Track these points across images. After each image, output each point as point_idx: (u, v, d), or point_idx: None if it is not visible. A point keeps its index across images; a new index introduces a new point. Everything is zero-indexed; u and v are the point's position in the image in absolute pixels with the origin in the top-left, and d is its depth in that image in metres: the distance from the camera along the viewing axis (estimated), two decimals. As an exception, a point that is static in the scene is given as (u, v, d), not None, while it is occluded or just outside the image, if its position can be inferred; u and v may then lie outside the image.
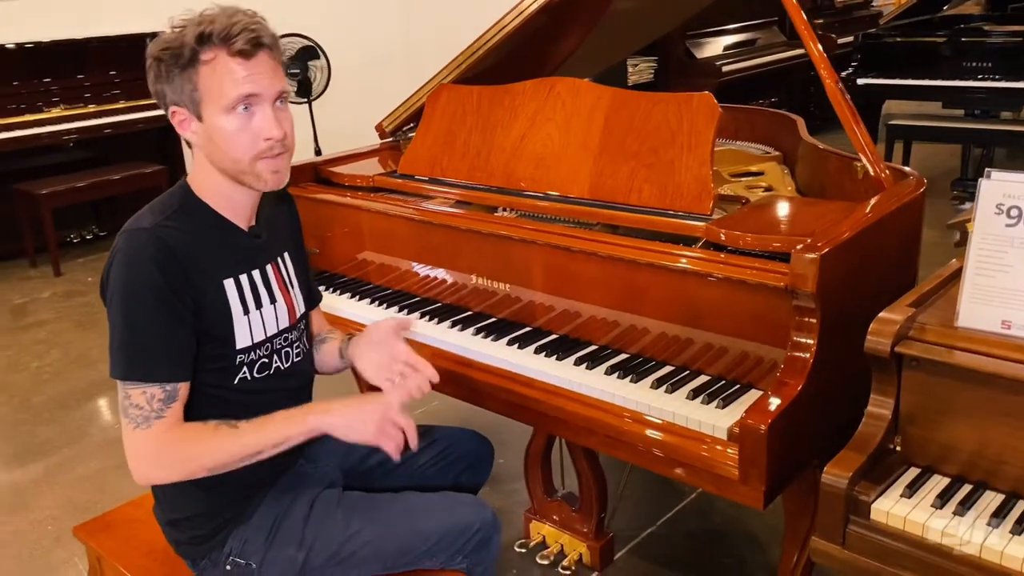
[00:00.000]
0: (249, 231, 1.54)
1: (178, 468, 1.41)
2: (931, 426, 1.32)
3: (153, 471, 1.42)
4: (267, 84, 1.41)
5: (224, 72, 1.38)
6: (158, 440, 1.38)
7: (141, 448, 1.39)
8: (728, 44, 6.47)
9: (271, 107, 1.42)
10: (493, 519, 1.55)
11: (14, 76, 5.08)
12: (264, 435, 1.42)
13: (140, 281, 1.37)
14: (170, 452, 1.39)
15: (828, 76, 1.78)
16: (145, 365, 1.38)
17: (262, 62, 1.40)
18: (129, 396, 1.38)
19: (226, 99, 1.38)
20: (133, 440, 1.39)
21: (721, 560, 2.28)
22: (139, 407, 1.37)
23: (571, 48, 2.48)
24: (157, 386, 1.38)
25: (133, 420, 1.38)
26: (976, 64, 4.99)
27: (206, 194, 1.48)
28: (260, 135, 1.41)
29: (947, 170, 5.83)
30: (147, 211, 1.46)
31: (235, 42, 1.36)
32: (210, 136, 1.42)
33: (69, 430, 3.23)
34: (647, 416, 1.55)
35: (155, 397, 1.38)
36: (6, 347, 4.07)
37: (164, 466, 1.41)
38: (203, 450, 1.39)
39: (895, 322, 1.31)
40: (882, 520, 1.26)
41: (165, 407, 1.39)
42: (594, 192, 1.86)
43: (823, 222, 1.57)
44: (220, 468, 1.40)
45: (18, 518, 2.69)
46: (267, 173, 1.45)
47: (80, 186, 5.02)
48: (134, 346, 1.38)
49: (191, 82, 1.39)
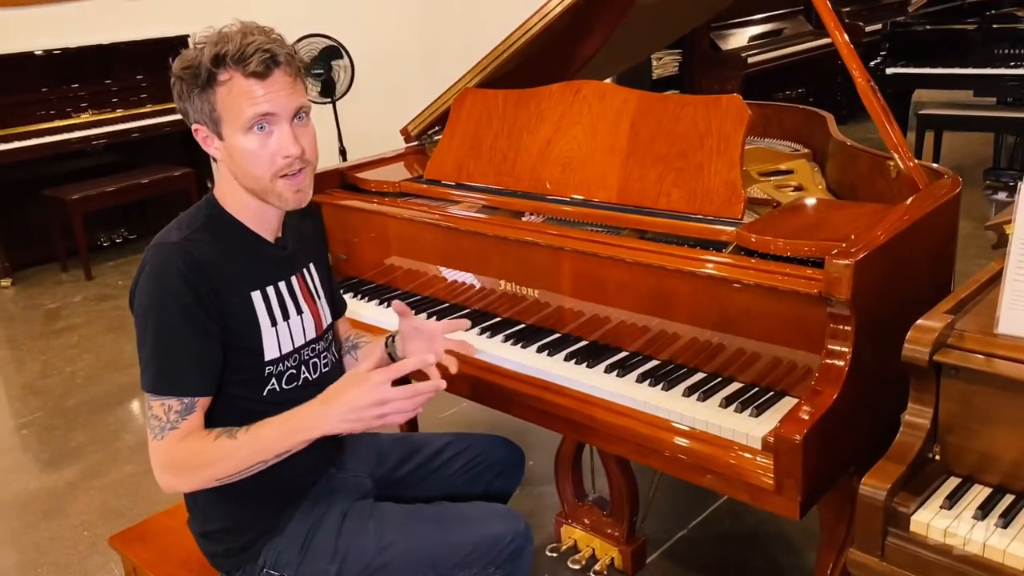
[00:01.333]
0: (275, 243, 1.55)
1: (189, 478, 1.43)
2: (971, 435, 1.30)
3: (170, 479, 1.43)
4: (283, 102, 1.40)
5: (240, 92, 1.38)
6: (168, 451, 1.40)
7: (156, 458, 1.42)
8: (753, 35, 6.39)
9: (289, 124, 1.42)
10: (526, 530, 1.55)
11: (43, 83, 5.14)
12: (261, 448, 1.40)
13: (168, 296, 1.39)
14: (179, 463, 1.41)
15: (859, 75, 1.74)
16: (168, 378, 1.40)
17: (277, 80, 1.40)
18: (151, 407, 1.41)
19: (243, 119, 1.39)
20: (151, 450, 1.42)
21: (755, 563, 2.26)
22: (158, 418, 1.40)
23: (595, 47, 2.46)
24: (175, 399, 1.40)
25: (152, 431, 1.41)
26: (1008, 51, 4.90)
27: (232, 207, 1.49)
28: (278, 153, 1.41)
29: (980, 159, 5.74)
30: (175, 225, 1.47)
31: (249, 63, 1.36)
32: (231, 155, 1.43)
33: (102, 435, 3.27)
34: (679, 425, 1.54)
35: (172, 409, 1.40)
36: (40, 352, 4.13)
37: (177, 475, 1.43)
38: (205, 461, 1.40)
39: (933, 330, 1.28)
40: (922, 532, 1.24)
41: (180, 419, 1.40)
42: (622, 196, 1.84)
43: (857, 225, 1.55)
44: (227, 478, 1.41)
45: (55, 524, 2.73)
46: (288, 192, 1.45)
47: (110, 190, 5.08)
48: (158, 359, 1.40)
49: (209, 102, 1.40)
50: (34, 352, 4.13)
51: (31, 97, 5.07)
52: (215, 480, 1.41)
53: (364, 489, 1.63)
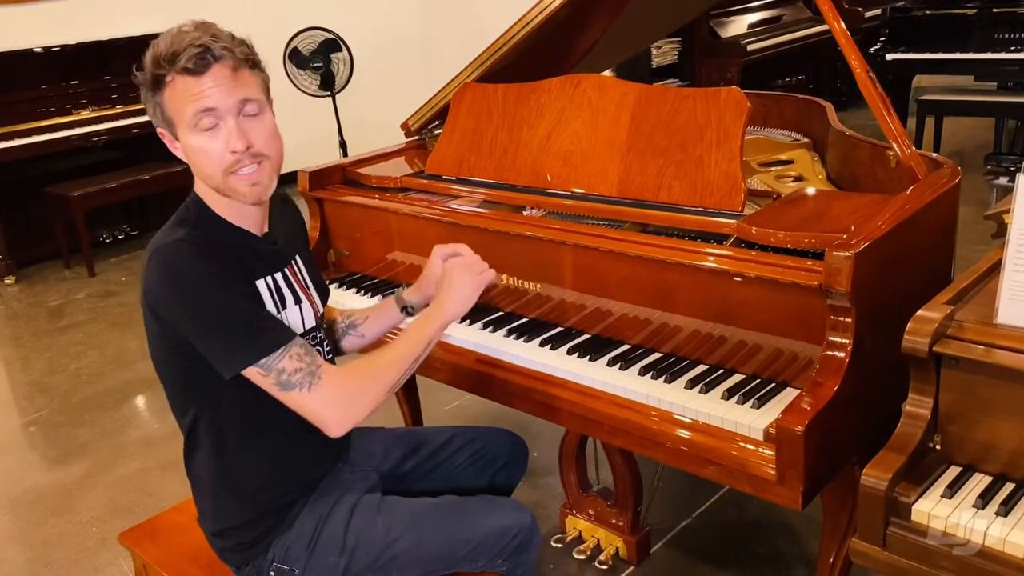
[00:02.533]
0: (263, 237, 1.55)
1: (362, 401, 1.44)
2: (971, 425, 1.31)
3: (351, 411, 1.43)
4: (222, 97, 1.38)
5: (182, 91, 1.37)
6: (335, 383, 1.42)
7: (327, 397, 1.41)
8: (753, 22, 6.38)
9: (235, 119, 1.40)
10: (532, 522, 1.56)
11: (43, 80, 5.15)
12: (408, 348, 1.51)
13: (200, 277, 1.37)
14: (349, 389, 1.43)
15: (858, 65, 1.75)
16: (267, 334, 1.39)
17: (216, 75, 1.37)
18: (281, 370, 1.38)
19: (186, 117, 1.38)
20: (315, 400, 1.40)
21: (758, 552, 2.28)
22: (298, 369, 1.39)
23: (594, 39, 2.46)
24: (293, 346, 1.40)
25: (301, 385, 1.39)
26: (1009, 35, 4.88)
27: (214, 205, 1.48)
28: (226, 149, 1.39)
29: (981, 144, 5.73)
30: (171, 227, 1.46)
31: (181, 60, 1.35)
32: (187, 155, 1.43)
33: (109, 431, 3.29)
34: (681, 417, 1.55)
35: (301, 354, 1.40)
36: (45, 349, 4.15)
37: (354, 404, 1.43)
38: (373, 376, 1.45)
39: (933, 320, 1.29)
40: (923, 522, 1.25)
41: (316, 358, 1.42)
42: (623, 190, 1.85)
43: (856, 217, 1.56)
44: (393, 386, 1.48)
45: (63, 520, 2.75)
46: (244, 187, 1.43)
47: (111, 187, 5.09)
48: (241, 328, 1.38)
49: (159, 105, 1.40)
50: (39, 349, 4.15)
51: (31, 95, 5.08)
52: (385, 392, 1.47)
53: (371, 483, 1.64)
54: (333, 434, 1.43)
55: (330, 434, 1.43)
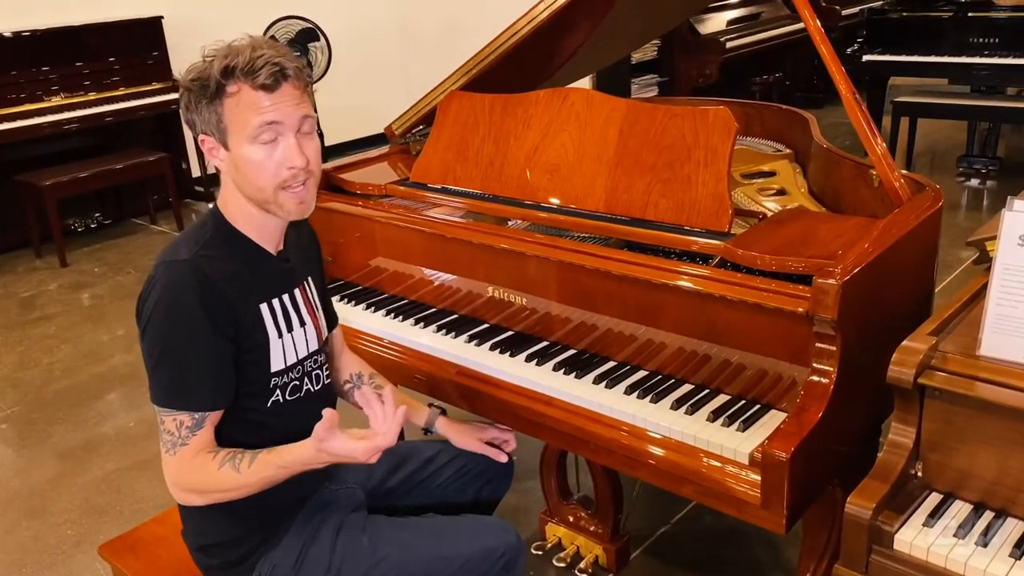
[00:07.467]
0: (278, 256, 1.56)
1: (198, 498, 1.48)
2: (953, 453, 1.34)
3: (181, 495, 1.49)
4: (289, 112, 1.42)
5: (248, 104, 1.40)
6: (178, 467, 1.44)
7: (168, 473, 1.47)
8: (731, 19, 6.40)
9: (294, 136, 1.44)
10: (517, 542, 1.57)
11: (12, 66, 5.04)
12: (262, 479, 1.43)
13: (181, 314, 1.40)
14: (187, 481, 1.46)
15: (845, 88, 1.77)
16: (179, 393, 1.43)
17: (285, 93, 1.42)
18: (163, 421, 1.44)
19: (249, 128, 1.41)
20: (164, 463, 1.47)
21: (736, 559, 2.31)
22: (170, 433, 1.43)
23: (577, 43, 2.45)
24: (186, 414, 1.42)
25: (164, 445, 1.45)
26: (982, 40, 4.96)
27: (236, 220, 1.51)
28: (284, 164, 1.43)
29: (953, 144, 5.81)
30: (183, 241, 1.48)
31: (259, 76, 1.39)
32: (236, 165, 1.44)
33: (83, 429, 3.25)
34: (667, 438, 1.57)
35: (183, 424, 1.43)
36: (16, 343, 4.08)
37: (187, 491, 1.47)
38: (210, 485, 1.45)
39: (918, 352, 1.32)
40: (905, 551, 1.28)
41: (191, 434, 1.43)
42: (610, 206, 1.85)
43: (842, 241, 1.57)
44: (229, 499, 1.46)
45: (37, 522, 2.72)
46: (291, 203, 1.47)
47: (83, 176, 5.01)
48: (170, 375, 1.43)
49: (217, 113, 1.42)
50: (10, 343, 4.09)
51: (0, 80, 4.97)
52: (218, 501, 1.46)
53: (357, 501, 1.64)
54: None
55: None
